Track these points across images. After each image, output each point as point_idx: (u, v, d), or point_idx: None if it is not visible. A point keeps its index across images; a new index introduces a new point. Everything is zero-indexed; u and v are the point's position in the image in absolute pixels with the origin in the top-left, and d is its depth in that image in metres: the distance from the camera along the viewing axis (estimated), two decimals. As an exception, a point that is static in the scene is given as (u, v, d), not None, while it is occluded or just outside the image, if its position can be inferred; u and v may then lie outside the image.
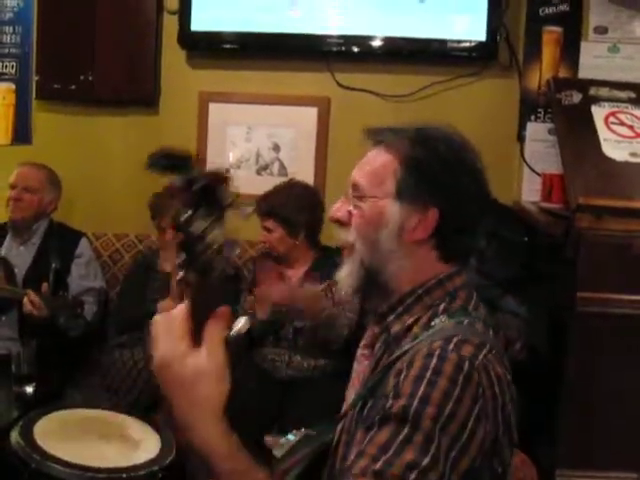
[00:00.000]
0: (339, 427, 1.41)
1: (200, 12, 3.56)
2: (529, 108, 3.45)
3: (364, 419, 1.25)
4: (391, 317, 1.35)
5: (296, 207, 3.04)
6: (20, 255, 3.38)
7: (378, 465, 1.07)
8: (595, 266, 2.51)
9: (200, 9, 3.56)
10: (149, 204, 3.30)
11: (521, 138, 3.45)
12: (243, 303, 3.12)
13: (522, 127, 3.46)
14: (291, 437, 1.54)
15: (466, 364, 1.15)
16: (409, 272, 1.34)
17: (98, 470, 1.99)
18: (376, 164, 1.36)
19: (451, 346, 1.18)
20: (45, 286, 3.02)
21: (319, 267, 3.09)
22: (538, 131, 3.42)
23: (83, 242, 3.47)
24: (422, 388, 1.13)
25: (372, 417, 1.18)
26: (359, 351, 1.52)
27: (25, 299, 3.00)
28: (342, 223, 1.40)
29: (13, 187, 3.38)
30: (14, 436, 2.12)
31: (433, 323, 1.28)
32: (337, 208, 1.41)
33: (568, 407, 2.56)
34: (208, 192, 1.03)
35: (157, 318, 1.09)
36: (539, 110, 3.43)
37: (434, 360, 1.16)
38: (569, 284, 2.59)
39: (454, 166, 1.33)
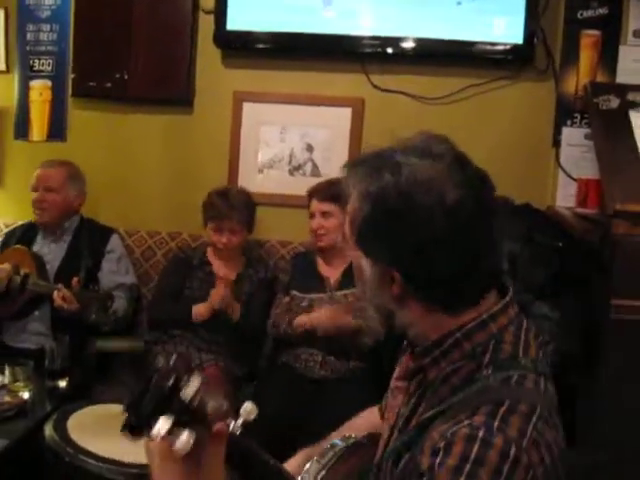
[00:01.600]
0: (374, 472, 1.35)
1: (236, 12, 3.57)
2: (565, 112, 3.41)
3: (400, 475, 1.19)
4: (427, 360, 1.22)
5: None
6: (52, 252, 3.40)
7: None
8: (631, 273, 2.48)
9: (236, 9, 3.57)
10: (204, 203, 3.30)
11: (557, 143, 3.42)
12: (279, 304, 3.14)
13: (558, 132, 3.42)
14: (338, 442, 1.52)
15: (512, 449, 1.03)
16: (422, 324, 1.22)
17: (131, 465, 2.00)
18: (348, 215, 1.26)
19: (496, 424, 1.05)
20: (75, 280, 3.04)
21: (350, 270, 3.10)
22: (574, 136, 3.39)
23: (114, 238, 3.49)
24: None
25: None
26: (393, 382, 1.43)
27: (55, 293, 3.02)
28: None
29: (35, 190, 3.39)
30: (48, 430, 2.14)
31: (477, 377, 1.15)
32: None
33: (602, 415, 2.53)
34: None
35: (151, 447, 1.09)
36: (575, 115, 3.40)
37: (476, 447, 1.03)
38: (604, 291, 2.56)
39: (407, 217, 1.15)
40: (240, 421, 1.16)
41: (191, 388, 1.05)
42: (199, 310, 3.12)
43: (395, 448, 1.23)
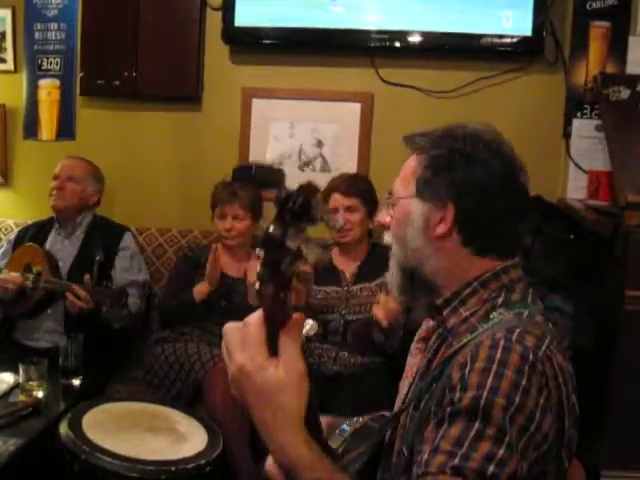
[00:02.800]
0: (394, 421, 1.40)
1: (243, 8, 3.56)
2: (575, 104, 3.40)
3: (422, 414, 1.25)
4: (447, 310, 1.35)
5: (373, 193, 3.17)
6: (65, 249, 3.41)
7: (456, 461, 1.06)
8: (644, 264, 2.47)
9: (244, 5, 3.56)
10: (212, 193, 3.31)
11: (567, 134, 3.41)
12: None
13: (568, 123, 3.41)
14: (345, 427, 1.53)
15: (530, 355, 1.15)
16: (449, 269, 1.35)
17: (147, 462, 2.01)
18: (405, 169, 1.41)
19: (514, 337, 1.17)
20: (87, 277, 3.05)
21: (370, 263, 3.12)
22: (584, 127, 3.37)
23: (127, 236, 3.50)
24: (490, 380, 1.12)
25: (438, 412, 1.17)
26: (413, 344, 1.55)
27: (69, 293, 3.03)
28: (386, 227, 1.45)
29: (56, 178, 3.42)
30: (63, 428, 2.15)
31: (492, 315, 1.28)
32: (381, 214, 1.47)
33: (615, 406, 2.52)
34: (304, 208, 1.00)
35: (229, 327, 1.08)
36: (585, 106, 3.38)
37: (499, 352, 1.15)
38: (617, 282, 2.55)
39: (470, 161, 1.32)
40: (303, 335, 1.17)
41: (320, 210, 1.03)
42: (199, 288, 3.13)
43: (418, 390, 1.32)
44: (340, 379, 2.93)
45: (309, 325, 1.18)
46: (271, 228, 1.01)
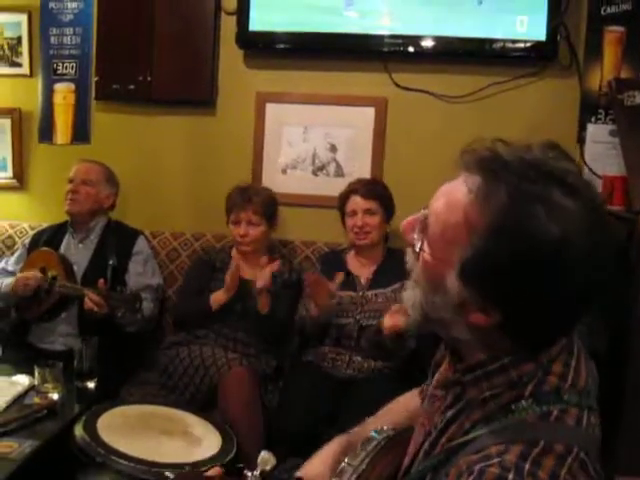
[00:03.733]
0: None
1: (258, 12, 3.58)
2: (589, 109, 3.38)
3: None
4: (468, 377, 1.15)
5: (391, 198, 3.22)
6: (79, 253, 3.43)
7: None
8: (659, 270, 2.47)
9: (258, 9, 3.58)
10: (227, 198, 3.33)
11: (581, 140, 3.39)
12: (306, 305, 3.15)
13: (582, 128, 3.39)
14: (374, 435, 1.51)
15: None
16: (479, 344, 1.14)
17: (161, 465, 2.01)
18: (451, 218, 1.09)
19: (527, 467, 0.98)
20: (102, 282, 3.07)
21: (385, 268, 3.12)
22: (599, 133, 3.35)
23: (141, 240, 3.51)
24: None
25: None
26: (430, 389, 1.37)
27: (86, 298, 3.04)
28: (406, 238, 1.20)
29: (71, 181, 3.44)
30: (78, 431, 2.16)
31: (514, 407, 1.08)
32: (408, 225, 1.20)
33: (630, 412, 2.51)
34: None
35: None
36: (600, 111, 3.36)
37: None
38: (631, 287, 2.55)
39: (547, 269, 1.01)
40: (258, 471, 1.14)
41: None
42: (216, 297, 3.14)
43: (420, 471, 1.18)
44: (353, 383, 2.93)
45: (265, 458, 1.15)
46: None
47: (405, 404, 1.70)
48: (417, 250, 1.15)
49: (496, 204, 1.02)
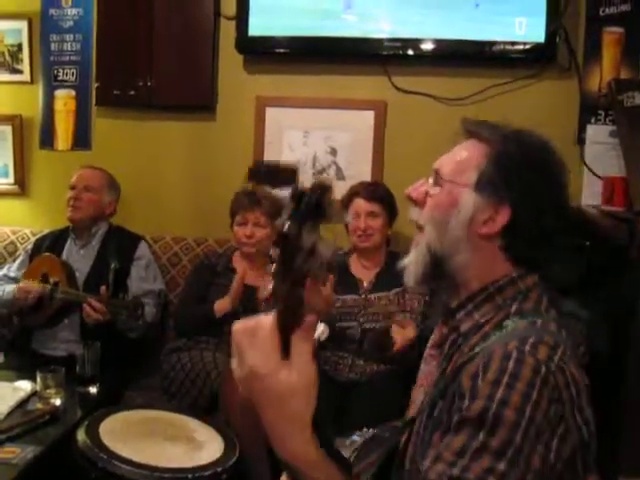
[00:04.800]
0: (408, 428, 1.41)
1: (257, 17, 3.59)
2: (589, 110, 3.39)
3: (436, 420, 1.25)
4: (460, 314, 1.34)
5: (394, 201, 3.20)
6: (80, 259, 3.43)
7: (455, 470, 1.06)
8: (660, 270, 2.47)
9: (257, 14, 3.59)
10: (232, 200, 3.33)
11: (581, 141, 3.39)
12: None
13: (582, 130, 3.39)
14: (356, 438, 1.54)
15: (543, 368, 1.13)
16: (476, 267, 1.34)
17: (164, 470, 2.01)
18: (462, 154, 1.38)
19: (527, 348, 1.16)
20: (104, 289, 3.08)
21: (388, 271, 3.12)
22: (599, 133, 3.35)
23: (142, 245, 3.51)
24: (500, 391, 1.11)
25: (447, 419, 1.18)
26: (427, 351, 1.53)
27: (85, 305, 3.05)
28: (416, 202, 1.41)
29: (73, 188, 3.44)
30: (80, 436, 2.15)
31: (505, 324, 1.27)
32: (414, 187, 1.42)
33: (631, 413, 2.51)
34: (317, 205, 1.01)
35: (240, 327, 1.07)
36: (599, 112, 3.37)
37: (511, 363, 1.14)
38: (632, 288, 2.54)
39: (539, 171, 1.32)
40: (315, 335, 1.13)
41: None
42: (221, 305, 3.13)
43: (431, 396, 1.31)
44: (356, 387, 2.93)
45: (320, 329, 1.18)
46: (286, 226, 1.01)
47: None
48: (430, 193, 1.38)
49: (498, 134, 1.37)
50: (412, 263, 1.39)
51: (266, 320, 1.05)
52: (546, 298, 1.33)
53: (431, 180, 1.40)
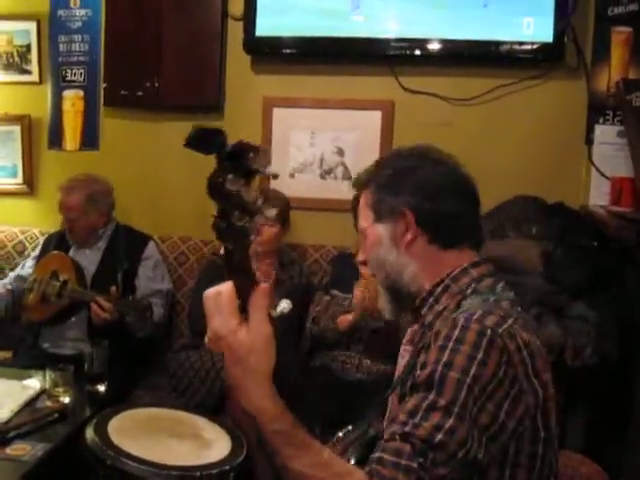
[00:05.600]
0: (386, 415, 1.54)
1: (264, 18, 3.60)
2: (597, 110, 3.39)
3: (405, 394, 1.32)
4: (424, 309, 1.45)
5: None
6: (87, 258, 3.44)
7: (406, 428, 1.16)
8: (668, 270, 2.47)
9: (264, 15, 3.60)
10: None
11: (589, 141, 3.40)
12: (319, 302, 3.18)
13: (590, 130, 3.40)
14: (340, 434, 1.59)
15: (488, 331, 1.23)
16: (423, 272, 1.45)
17: (172, 468, 2.01)
18: (361, 206, 1.53)
19: (474, 317, 1.26)
20: (114, 289, 3.08)
21: None
22: (607, 134, 3.36)
23: (150, 245, 3.52)
24: (446, 355, 1.21)
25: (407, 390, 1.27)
26: (402, 348, 1.65)
27: (93, 304, 3.07)
28: (365, 263, 1.56)
29: (60, 212, 3.44)
30: (89, 433, 2.15)
31: (462, 304, 1.37)
32: (359, 255, 1.61)
33: (639, 413, 2.51)
34: (238, 154, 1.10)
35: (208, 294, 1.19)
36: (608, 112, 3.37)
37: (457, 330, 1.24)
38: (640, 288, 2.55)
39: (418, 169, 1.46)
40: (277, 310, 1.26)
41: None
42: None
43: (399, 378, 1.47)
44: (363, 386, 2.93)
45: (283, 305, 1.24)
46: (212, 176, 1.12)
47: None
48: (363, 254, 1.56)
49: (378, 170, 1.53)
50: (383, 305, 1.55)
51: (226, 286, 1.18)
52: (502, 283, 1.43)
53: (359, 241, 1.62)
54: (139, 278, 3.39)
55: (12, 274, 3.56)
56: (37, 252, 3.59)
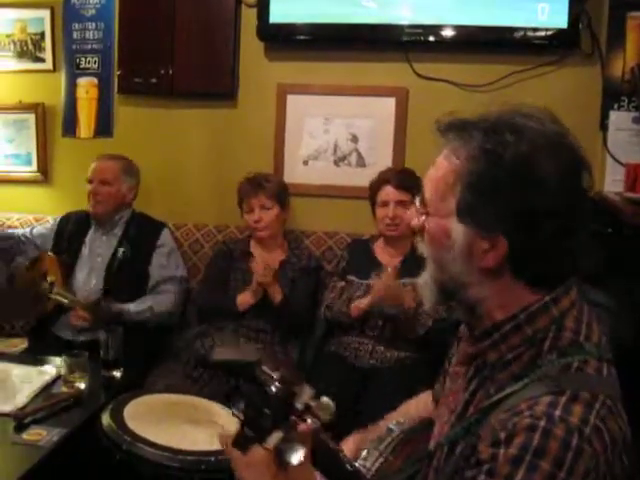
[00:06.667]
0: (426, 459, 1.36)
1: (278, 4, 3.58)
2: (612, 96, 3.37)
3: (455, 464, 1.19)
4: (486, 343, 1.22)
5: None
6: (103, 245, 3.46)
7: None
8: (684, 257, 2.45)
9: (278, 2, 3.58)
10: (237, 189, 3.36)
11: (604, 127, 3.37)
12: (334, 288, 3.20)
13: (605, 116, 3.38)
14: (393, 427, 1.55)
15: (575, 438, 1.01)
16: (495, 298, 1.20)
17: (187, 453, 2.03)
18: (439, 174, 1.22)
19: (557, 413, 1.03)
20: (94, 299, 3.22)
21: (413, 260, 3.10)
22: (622, 120, 3.34)
23: (165, 232, 3.53)
24: (520, 473, 1.01)
25: (464, 470, 1.12)
26: (452, 368, 1.43)
27: (72, 312, 3.22)
28: (416, 231, 1.32)
29: (90, 182, 3.46)
30: (105, 419, 2.18)
31: (538, 362, 1.14)
32: (412, 216, 1.33)
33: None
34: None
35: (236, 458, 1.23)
36: (623, 98, 3.35)
37: (537, 437, 1.02)
38: (657, 275, 2.53)
39: (524, 182, 1.12)
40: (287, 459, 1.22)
41: (303, 398, 1.20)
42: (244, 298, 3.16)
43: (452, 435, 1.22)
44: (376, 373, 2.93)
45: (295, 457, 1.24)
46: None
47: (421, 403, 1.73)
48: (422, 220, 1.27)
49: (472, 144, 1.18)
50: (423, 289, 1.31)
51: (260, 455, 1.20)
52: (586, 320, 1.19)
53: (417, 203, 1.29)
54: (152, 265, 3.41)
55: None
56: (50, 226, 3.62)
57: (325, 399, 1.24)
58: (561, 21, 3.31)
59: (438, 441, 1.29)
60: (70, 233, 3.50)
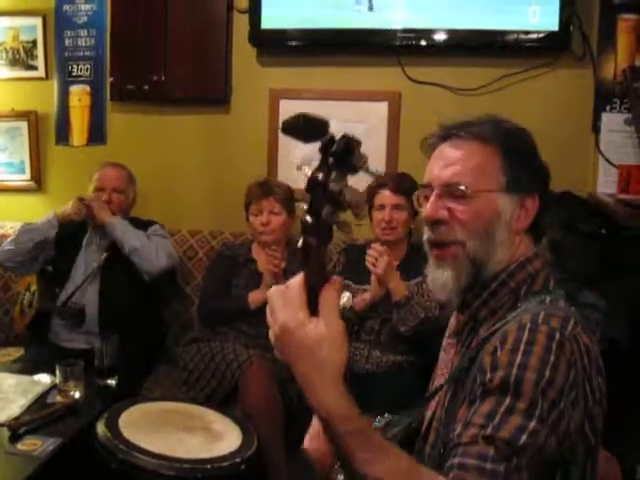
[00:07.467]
0: (429, 414, 1.44)
1: (269, 10, 3.59)
2: (604, 98, 3.38)
3: (460, 398, 1.29)
4: (477, 303, 1.40)
5: None
6: (99, 248, 3.43)
7: (488, 431, 1.11)
8: (677, 258, 2.46)
9: (269, 7, 3.59)
10: (246, 192, 3.35)
11: (596, 129, 3.38)
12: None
13: (597, 118, 3.39)
14: (377, 423, 1.56)
15: (557, 334, 1.19)
16: (506, 258, 1.39)
17: (183, 461, 2.03)
18: (475, 159, 1.38)
19: (540, 319, 1.22)
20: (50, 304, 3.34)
21: (409, 263, 3.11)
22: (614, 122, 3.35)
23: (155, 227, 3.52)
24: (519, 357, 1.17)
25: (471, 394, 1.22)
26: (445, 341, 1.55)
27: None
28: (442, 222, 1.39)
29: (101, 189, 3.43)
30: (100, 427, 2.18)
31: (519, 304, 1.34)
32: (433, 208, 1.39)
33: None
34: (346, 152, 1.09)
35: (273, 290, 1.15)
36: (614, 100, 3.36)
37: (526, 332, 1.20)
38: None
39: (535, 153, 1.43)
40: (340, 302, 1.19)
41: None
42: (255, 296, 3.15)
43: (451, 379, 1.37)
44: (372, 378, 2.93)
45: (346, 297, 1.23)
46: (315, 172, 1.10)
47: None
48: (456, 208, 1.37)
49: (492, 131, 1.40)
50: (451, 279, 1.39)
51: (295, 280, 1.12)
52: (553, 278, 1.40)
53: (446, 192, 1.39)
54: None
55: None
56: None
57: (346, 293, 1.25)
58: (552, 24, 3.32)
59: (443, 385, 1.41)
60: (68, 237, 3.48)
